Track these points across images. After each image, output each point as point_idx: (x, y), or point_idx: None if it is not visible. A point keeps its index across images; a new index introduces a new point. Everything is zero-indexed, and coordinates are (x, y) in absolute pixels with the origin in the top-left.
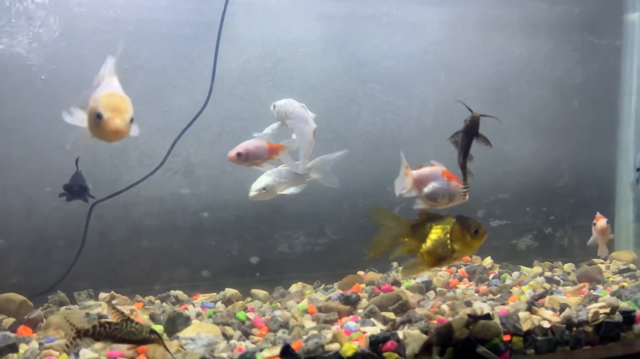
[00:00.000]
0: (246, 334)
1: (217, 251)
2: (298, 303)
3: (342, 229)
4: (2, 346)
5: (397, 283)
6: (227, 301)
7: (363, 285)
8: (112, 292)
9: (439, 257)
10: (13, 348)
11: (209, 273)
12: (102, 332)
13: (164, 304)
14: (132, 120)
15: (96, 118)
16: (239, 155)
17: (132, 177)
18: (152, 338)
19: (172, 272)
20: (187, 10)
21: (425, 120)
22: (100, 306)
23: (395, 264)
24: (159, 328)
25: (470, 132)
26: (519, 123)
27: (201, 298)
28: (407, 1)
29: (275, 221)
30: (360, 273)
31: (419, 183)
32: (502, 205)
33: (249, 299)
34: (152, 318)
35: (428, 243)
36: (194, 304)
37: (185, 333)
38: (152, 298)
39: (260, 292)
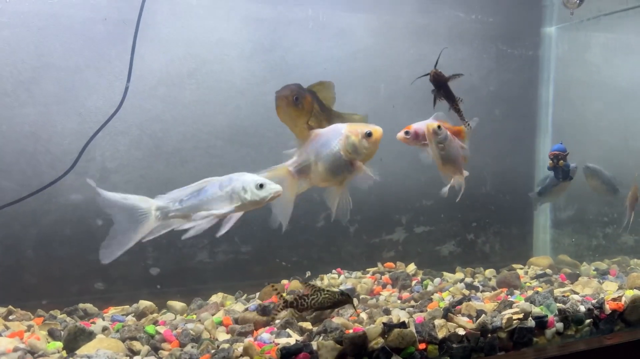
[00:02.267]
0: (155, 350)
1: (133, 261)
2: (213, 314)
3: (266, 237)
4: None
5: None
6: (141, 314)
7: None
8: (10, 306)
9: None
10: None
11: (124, 284)
12: (303, 303)
13: (68, 319)
14: None
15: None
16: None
17: (43, 182)
18: (343, 299)
19: (84, 284)
20: (104, 6)
21: None
22: None
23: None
24: (58, 345)
25: (439, 85)
26: None
27: (112, 311)
28: (334, 7)
29: None
30: (284, 281)
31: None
32: (426, 212)
33: (164, 311)
34: (51, 333)
35: None
36: (103, 318)
37: (83, 350)
38: (57, 312)
39: (177, 304)
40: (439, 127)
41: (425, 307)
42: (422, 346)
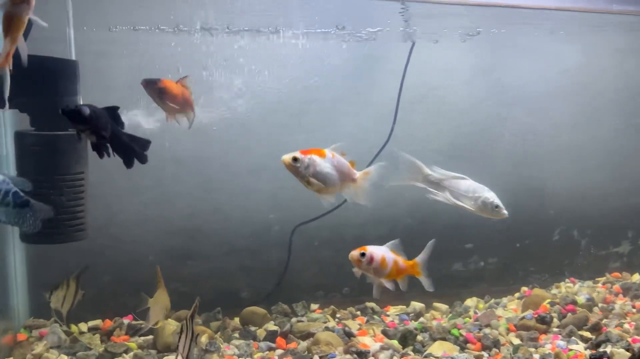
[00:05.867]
0: (462, 349)
1: None
2: (498, 319)
3: (508, 249)
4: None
5: (574, 302)
6: (418, 314)
7: (547, 304)
8: (333, 307)
9: None
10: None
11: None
12: None
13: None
14: None
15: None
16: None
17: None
18: None
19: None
20: (346, 48)
21: (561, 139)
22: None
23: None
24: (395, 343)
25: None
26: None
27: (392, 310)
28: (543, 33)
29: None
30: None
31: None
32: None
33: (430, 311)
34: (385, 333)
35: None
36: (387, 316)
37: (433, 350)
38: (352, 309)
39: (442, 306)
40: (294, 158)
41: None
42: None
